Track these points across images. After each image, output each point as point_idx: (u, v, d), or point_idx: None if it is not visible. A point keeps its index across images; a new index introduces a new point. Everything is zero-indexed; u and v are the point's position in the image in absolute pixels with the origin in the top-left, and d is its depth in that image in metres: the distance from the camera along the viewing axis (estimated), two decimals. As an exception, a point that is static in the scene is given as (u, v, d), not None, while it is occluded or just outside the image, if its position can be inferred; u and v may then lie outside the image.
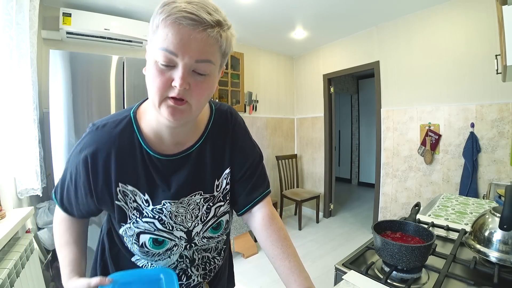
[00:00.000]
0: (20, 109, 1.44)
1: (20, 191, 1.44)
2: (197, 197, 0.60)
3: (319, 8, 2.42)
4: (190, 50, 0.43)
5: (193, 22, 0.42)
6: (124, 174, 0.54)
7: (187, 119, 0.49)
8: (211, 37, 0.43)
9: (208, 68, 0.46)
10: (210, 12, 0.43)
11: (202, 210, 0.60)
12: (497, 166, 2.04)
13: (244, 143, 0.66)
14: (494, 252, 0.67)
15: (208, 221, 0.62)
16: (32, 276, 1.19)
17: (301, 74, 3.91)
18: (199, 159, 0.60)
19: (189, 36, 0.42)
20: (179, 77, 0.43)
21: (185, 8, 0.41)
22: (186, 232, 0.60)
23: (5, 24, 1.26)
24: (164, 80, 0.44)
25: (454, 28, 2.24)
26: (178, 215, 0.58)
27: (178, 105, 0.46)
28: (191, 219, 0.60)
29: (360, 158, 5.61)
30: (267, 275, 2.21)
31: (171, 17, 0.41)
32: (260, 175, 0.67)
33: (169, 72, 0.44)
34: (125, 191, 0.55)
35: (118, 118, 0.56)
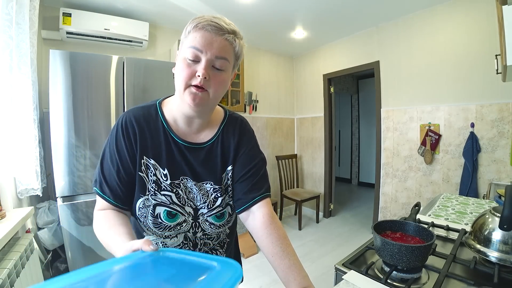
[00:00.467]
0: (20, 109, 1.44)
1: (20, 191, 1.44)
2: (208, 186, 0.67)
3: (319, 8, 2.42)
4: (212, 48, 0.57)
5: (215, 29, 0.57)
6: (148, 149, 0.63)
7: (204, 106, 0.60)
8: (228, 40, 0.58)
9: (224, 65, 0.59)
10: (228, 23, 0.59)
11: (210, 197, 0.68)
12: (497, 166, 2.04)
13: (249, 147, 0.73)
14: (494, 252, 0.67)
15: (213, 209, 0.68)
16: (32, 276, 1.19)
17: (301, 74, 3.91)
18: (212, 153, 0.69)
19: (211, 38, 0.57)
20: (202, 68, 0.56)
21: (210, 19, 0.57)
22: (194, 209, 0.67)
23: (5, 24, 1.26)
24: (190, 71, 0.57)
25: (454, 28, 2.24)
26: (191, 192, 0.66)
27: (199, 92, 0.58)
28: (200, 200, 0.67)
29: (360, 158, 5.61)
30: (267, 275, 2.21)
31: (200, 25, 0.56)
32: (261, 177, 0.71)
33: (194, 66, 0.57)
34: (148, 164, 0.63)
35: (147, 105, 0.68)
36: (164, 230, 0.65)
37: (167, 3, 2.27)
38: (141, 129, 0.63)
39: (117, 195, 0.61)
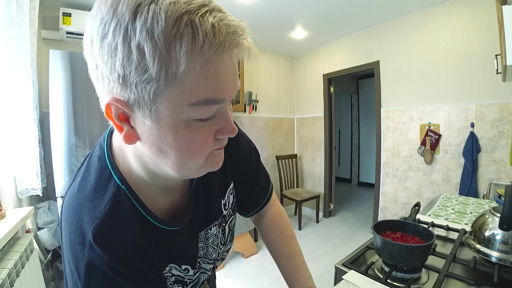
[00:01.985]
0: (20, 109, 1.44)
1: (20, 191, 1.44)
2: (213, 229, 0.52)
3: (319, 8, 2.42)
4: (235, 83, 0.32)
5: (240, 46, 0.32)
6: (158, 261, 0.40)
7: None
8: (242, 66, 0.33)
9: None
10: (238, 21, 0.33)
11: (219, 235, 0.54)
12: (497, 166, 2.04)
13: (241, 149, 0.57)
14: (494, 252, 0.67)
15: (227, 241, 0.57)
16: (32, 276, 1.19)
17: (301, 74, 3.91)
18: (204, 191, 0.49)
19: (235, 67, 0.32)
20: (230, 122, 0.33)
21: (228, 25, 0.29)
22: (212, 262, 0.55)
23: (5, 24, 1.26)
24: (208, 136, 0.32)
25: (454, 28, 2.24)
26: (206, 253, 0.52)
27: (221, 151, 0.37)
28: (214, 251, 0.54)
29: (360, 158, 5.61)
30: (267, 275, 2.21)
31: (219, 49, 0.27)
32: (261, 176, 0.62)
33: (207, 124, 0.32)
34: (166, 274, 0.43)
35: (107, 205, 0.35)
36: None
37: (167, 3, 2.27)
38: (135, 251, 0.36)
39: None
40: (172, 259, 0.44)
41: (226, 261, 2.44)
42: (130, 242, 0.36)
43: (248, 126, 3.46)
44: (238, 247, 2.49)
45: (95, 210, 0.35)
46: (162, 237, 0.41)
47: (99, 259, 0.33)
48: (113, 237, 0.35)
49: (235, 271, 2.29)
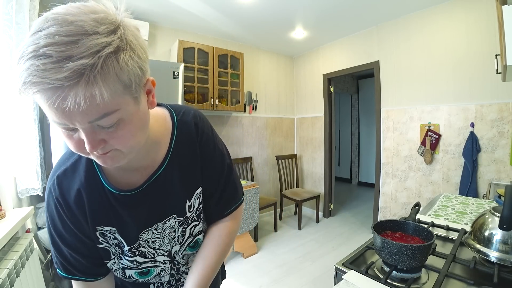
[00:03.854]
0: (20, 109, 1.44)
1: (21, 191, 1.44)
2: (172, 221, 0.58)
3: (319, 8, 2.42)
4: (73, 116, 0.34)
5: (49, 93, 0.32)
6: (97, 217, 0.52)
7: (124, 160, 0.44)
8: (80, 98, 0.32)
9: (111, 119, 0.37)
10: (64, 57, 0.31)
11: (178, 232, 0.59)
12: (497, 166, 2.04)
13: (214, 157, 0.61)
14: (494, 252, 0.67)
15: (185, 242, 0.61)
16: (32, 276, 1.19)
17: (301, 74, 3.91)
18: (167, 182, 0.55)
19: (58, 106, 0.33)
20: (87, 143, 0.38)
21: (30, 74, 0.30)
22: (168, 254, 0.60)
23: (5, 24, 1.26)
24: (76, 143, 0.39)
25: (454, 28, 2.24)
26: (155, 240, 0.57)
27: (105, 155, 0.41)
28: (169, 242, 0.59)
29: (360, 158, 5.61)
30: (267, 275, 2.21)
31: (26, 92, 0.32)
32: (229, 190, 0.65)
33: (76, 134, 0.38)
34: (103, 232, 0.54)
35: (74, 160, 0.52)
36: (144, 285, 0.62)
37: (167, 3, 2.27)
38: (80, 200, 0.51)
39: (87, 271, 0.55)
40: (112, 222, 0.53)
41: (226, 261, 2.44)
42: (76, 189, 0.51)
43: (248, 126, 3.46)
44: (238, 247, 2.49)
45: (66, 162, 0.53)
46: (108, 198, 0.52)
47: (53, 190, 0.51)
48: (68, 181, 0.51)
49: (235, 271, 2.29)
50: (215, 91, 2.78)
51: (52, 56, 0.30)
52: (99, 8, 0.36)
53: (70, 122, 0.35)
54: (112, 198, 0.52)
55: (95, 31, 0.33)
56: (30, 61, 0.31)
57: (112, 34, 0.34)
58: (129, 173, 0.53)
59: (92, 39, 0.32)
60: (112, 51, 0.34)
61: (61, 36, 0.31)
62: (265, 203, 3.06)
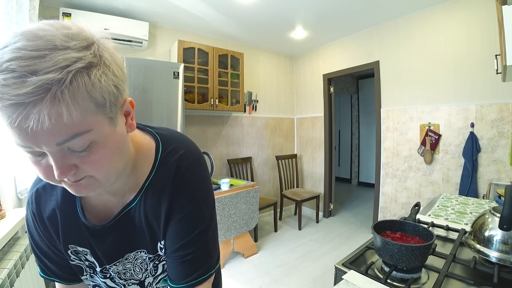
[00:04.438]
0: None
1: (20, 191, 1.43)
2: (142, 254, 0.53)
3: (319, 8, 2.42)
4: (40, 139, 0.31)
5: (11, 109, 0.29)
6: (71, 237, 0.51)
7: (99, 188, 0.40)
8: (44, 115, 0.29)
9: (83, 141, 0.34)
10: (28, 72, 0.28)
11: (150, 266, 0.54)
12: (497, 166, 2.04)
13: (187, 214, 0.50)
14: (494, 252, 0.67)
15: (157, 275, 0.56)
16: (32, 276, 1.19)
17: (301, 74, 3.91)
18: (136, 219, 0.50)
19: (21, 126, 0.30)
20: (56, 169, 0.34)
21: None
22: (139, 283, 0.56)
23: (5, 24, 1.26)
24: (44, 169, 0.35)
25: (454, 28, 2.24)
26: (126, 271, 0.54)
27: (78, 182, 0.37)
28: (141, 271, 0.55)
29: (360, 158, 5.61)
30: (267, 275, 2.21)
31: None
32: (199, 253, 0.51)
33: (44, 160, 0.35)
34: (76, 251, 0.53)
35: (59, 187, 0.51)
36: None
37: (167, 3, 2.27)
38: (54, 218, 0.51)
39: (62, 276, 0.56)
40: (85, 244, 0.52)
41: (226, 261, 2.44)
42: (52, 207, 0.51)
43: (248, 126, 3.46)
44: (238, 247, 2.49)
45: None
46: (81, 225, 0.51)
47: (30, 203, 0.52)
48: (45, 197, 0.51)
49: (235, 271, 2.29)
50: (215, 91, 2.78)
51: (15, 70, 0.28)
52: (74, 26, 0.34)
53: (35, 144, 0.32)
54: (84, 228, 0.51)
55: (65, 46, 0.31)
56: None
57: (84, 50, 0.32)
58: (106, 197, 0.51)
59: (62, 54, 0.30)
60: (84, 66, 0.31)
61: (27, 50, 0.29)
62: (265, 203, 3.06)
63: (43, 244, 0.53)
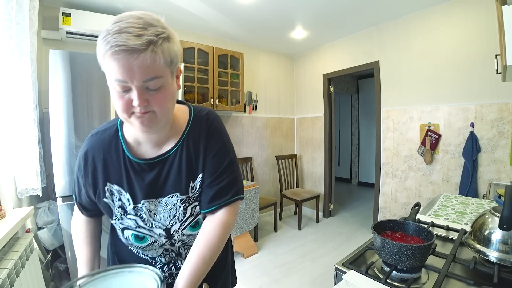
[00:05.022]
0: (20, 109, 1.44)
1: (20, 191, 1.44)
2: (174, 199, 0.65)
3: (319, 8, 2.42)
4: (135, 74, 0.49)
5: (127, 52, 0.47)
6: (110, 175, 0.64)
7: (156, 125, 0.57)
8: (147, 58, 0.49)
9: (158, 83, 0.52)
10: (140, 33, 0.48)
11: (179, 210, 0.66)
12: (497, 166, 2.04)
13: (217, 149, 0.67)
14: (494, 252, 0.67)
15: (185, 220, 0.67)
16: (32, 276, 1.19)
17: (301, 74, 3.91)
18: (176, 162, 0.65)
19: (129, 64, 0.48)
20: (136, 98, 0.51)
21: (116, 41, 0.46)
22: (165, 229, 0.66)
23: (5, 24, 1.26)
24: (125, 102, 0.52)
25: (454, 28, 2.24)
26: (156, 213, 0.65)
27: (144, 115, 0.53)
28: (169, 218, 0.65)
29: (360, 158, 5.61)
30: (267, 275, 2.21)
31: (108, 52, 0.47)
32: (228, 180, 0.67)
33: (127, 95, 0.51)
34: (112, 190, 0.64)
35: (107, 127, 0.67)
36: (137, 248, 0.69)
37: (167, 3, 2.27)
38: (100, 158, 0.64)
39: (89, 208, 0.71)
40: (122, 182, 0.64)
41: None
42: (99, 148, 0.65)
43: (248, 126, 3.46)
44: (238, 247, 2.49)
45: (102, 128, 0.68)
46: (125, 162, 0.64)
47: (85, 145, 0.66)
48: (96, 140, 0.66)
49: (235, 271, 2.29)
50: (215, 91, 2.78)
51: (132, 32, 0.47)
52: (154, 15, 0.54)
53: (131, 79, 0.49)
54: (128, 163, 0.63)
55: (155, 24, 0.51)
56: (116, 35, 0.46)
57: (164, 28, 0.52)
58: (146, 147, 0.65)
59: (154, 28, 0.50)
60: (165, 37, 0.51)
61: (137, 24, 0.48)
62: (265, 203, 3.06)
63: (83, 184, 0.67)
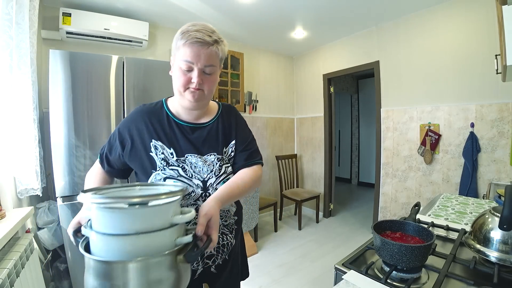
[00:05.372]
0: (20, 109, 1.44)
1: (20, 191, 1.43)
2: (212, 157, 0.82)
3: (319, 8, 2.42)
4: (201, 59, 0.72)
5: (201, 44, 0.71)
6: (156, 133, 0.80)
7: (202, 101, 0.79)
8: (213, 50, 0.73)
9: (212, 70, 0.75)
10: (210, 35, 0.72)
11: (215, 166, 0.81)
12: (497, 166, 2.04)
13: (244, 127, 0.93)
14: (494, 252, 0.67)
15: (220, 176, 0.82)
16: (32, 276, 1.19)
17: (301, 74, 3.91)
18: (213, 130, 0.85)
19: (199, 52, 0.71)
20: (196, 77, 0.73)
21: (196, 35, 0.70)
22: (202, 181, 0.79)
23: (5, 24, 1.26)
24: (186, 78, 0.74)
25: (454, 28, 2.24)
26: (197, 166, 0.79)
27: (196, 91, 0.75)
28: (207, 172, 0.80)
29: (360, 158, 5.61)
30: (267, 275, 2.21)
31: (188, 42, 0.70)
32: (255, 151, 0.91)
33: (189, 74, 0.74)
34: (156, 146, 0.79)
35: (154, 103, 0.87)
36: None
37: (167, 3, 2.27)
38: (147, 119, 0.81)
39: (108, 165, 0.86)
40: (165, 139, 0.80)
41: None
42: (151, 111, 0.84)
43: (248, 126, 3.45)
44: (238, 247, 2.49)
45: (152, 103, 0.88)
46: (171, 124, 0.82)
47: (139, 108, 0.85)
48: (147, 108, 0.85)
49: (235, 271, 2.28)
50: (215, 92, 2.78)
51: (205, 33, 0.72)
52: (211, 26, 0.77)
53: (197, 61, 0.72)
54: (174, 123, 0.82)
55: (216, 32, 0.75)
56: (195, 32, 0.70)
57: (220, 36, 0.76)
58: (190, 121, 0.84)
59: (216, 34, 0.75)
60: (222, 41, 0.76)
61: (207, 28, 0.73)
62: (265, 203, 3.06)
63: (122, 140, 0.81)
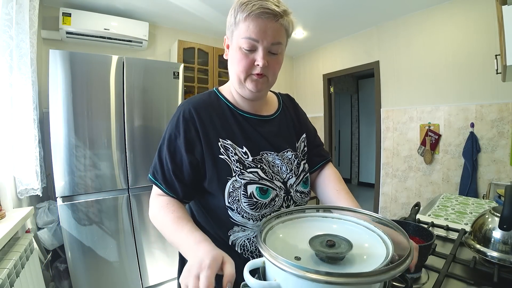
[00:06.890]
0: (20, 109, 1.44)
1: (20, 191, 1.44)
2: (289, 154, 0.71)
3: (319, 8, 2.42)
4: (267, 36, 0.57)
5: (269, 15, 0.56)
6: (220, 131, 0.64)
7: (265, 90, 0.66)
8: (282, 24, 0.58)
9: (279, 48, 0.61)
10: (277, 4, 0.58)
11: (294, 164, 0.70)
12: (497, 166, 2.04)
13: (308, 119, 0.86)
14: (494, 252, 0.67)
15: (300, 174, 0.71)
16: (32, 276, 1.19)
17: (301, 74, 3.91)
18: (281, 123, 0.74)
19: (266, 26, 0.56)
20: (261, 57, 0.58)
21: (261, 5, 0.55)
22: (283, 183, 0.67)
23: (5, 24, 1.26)
24: (249, 61, 0.59)
25: (454, 28, 2.24)
26: (275, 166, 0.67)
27: (260, 79, 0.61)
28: (286, 171, 0.68)
29: (360, 158, 5.61)
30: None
31: (252, 14, 0.55)
32: (322, 145, 0.85)
33: (251, 55, 0.59)
34: (226, 146, 0.64)
35: (204, 93, 0.71)
36: (260, 209, 0.62)
37: (167, 3, 2.27)
38: (204, 114, 0.64)
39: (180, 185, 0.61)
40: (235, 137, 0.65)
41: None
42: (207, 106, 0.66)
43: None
44: (238, 247, 2.48)
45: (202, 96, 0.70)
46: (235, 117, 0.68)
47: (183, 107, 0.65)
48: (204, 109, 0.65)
49: (235, 271, 2.28)
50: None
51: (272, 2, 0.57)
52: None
53: (262, 38, 0.57)
54: (239, 116, 0.68)
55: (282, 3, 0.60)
56: (260, 1, 0.56)
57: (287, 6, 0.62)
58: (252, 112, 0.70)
59: (283, 5, 0.59)
60: (291, 12, 0.61)
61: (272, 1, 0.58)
62: (265, 203, 3.05)
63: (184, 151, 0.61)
